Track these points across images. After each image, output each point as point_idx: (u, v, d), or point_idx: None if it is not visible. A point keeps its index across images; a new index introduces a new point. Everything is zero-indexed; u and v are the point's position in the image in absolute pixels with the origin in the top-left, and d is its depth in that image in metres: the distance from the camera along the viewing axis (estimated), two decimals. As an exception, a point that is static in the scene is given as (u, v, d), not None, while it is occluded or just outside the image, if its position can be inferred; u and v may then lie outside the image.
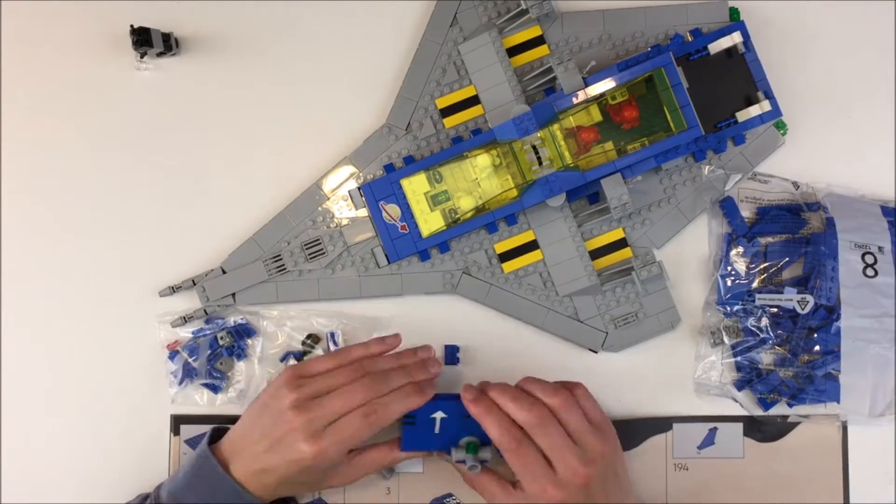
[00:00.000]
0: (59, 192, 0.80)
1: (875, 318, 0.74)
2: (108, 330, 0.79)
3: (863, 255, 0.75)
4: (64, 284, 0.80)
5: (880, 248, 0.75)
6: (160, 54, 0.79)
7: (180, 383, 0.78)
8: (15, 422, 0.79)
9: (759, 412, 0.77)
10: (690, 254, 0.79)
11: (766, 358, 0.77)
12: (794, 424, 0.77)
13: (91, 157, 0.80)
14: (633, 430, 0.78)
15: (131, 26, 0.76)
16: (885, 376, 0.74)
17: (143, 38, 0.76)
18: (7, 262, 0.80)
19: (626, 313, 0.78)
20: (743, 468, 0.78)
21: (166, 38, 0.78)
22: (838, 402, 0.75)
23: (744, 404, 0.77)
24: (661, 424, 0.78)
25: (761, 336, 0.76)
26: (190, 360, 0.78)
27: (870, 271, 0.74)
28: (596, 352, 0.79)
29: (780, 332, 0.76)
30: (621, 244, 0.79)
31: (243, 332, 0.79)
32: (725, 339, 0.77)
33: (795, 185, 0.77)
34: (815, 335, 0.75)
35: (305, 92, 0.80)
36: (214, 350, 0.78)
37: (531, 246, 0.78)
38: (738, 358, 0.76)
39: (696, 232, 0.79)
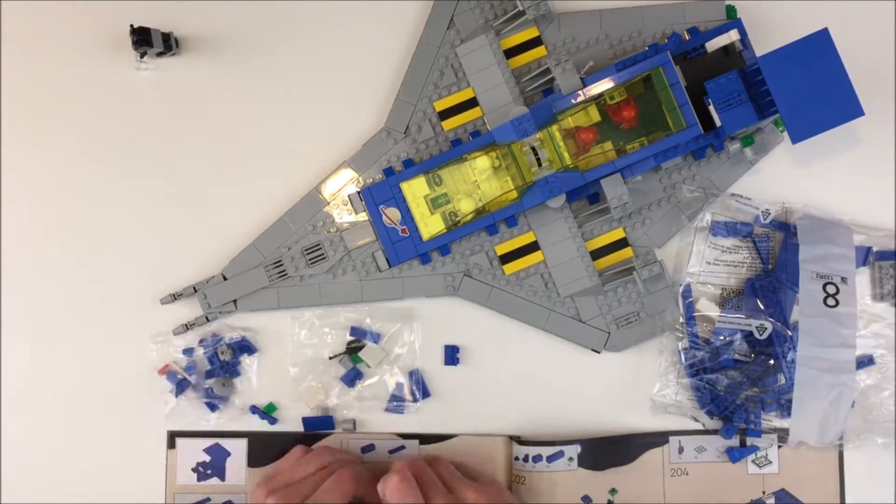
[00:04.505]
0: (57, 193, 0.80)
1: (832, 347, 0.75)
2: (108, 336, 0.79)
3: (824, 286, 0.75)
4: (62, 290, 0.80)
5: (843, 279, 0.75)
6: (160, 54, 0.79)
7: (177, 395, 0.78)
8: (14, 425, 0.79)
9: (717, 431, 0.78)
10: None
11: (722, 380, 0.77)
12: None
13: (90, 157, 0.80)
14: (630, 445, 0.78)
15: (131, 26, 0.76)
16: (838, 406, 0.74)
17: (143, 38, 0.76)
18: (6, 264, 0.80)
19: (628, 313, 0.78)
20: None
21: (166, 38, 0.78)
22: (786, 429, 0.76)
23: (705, 424, 0.78)
24: (658, 439, 0.78)
25: (719, 358, 0.76)
26: (187, 376, 0.78)
27: (830, 301, 0.75)
28: (598, 352, 0.79)
29: (737, 356, 0.77)
30: (622, 244, 0.79)
31: (244, 349, 0.79)
32: (683, 359, 0.77)
33: (766, 213, 0.78)
34: (771, 362, 0.76)
35: (304, 95, 0.80)
36: (214, 365, 0.78)
37: (532, 247, 0.78)
38: (695, 378, 0.77)
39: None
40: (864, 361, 0.77)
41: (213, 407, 0.79)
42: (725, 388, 0.76)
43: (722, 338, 0.76)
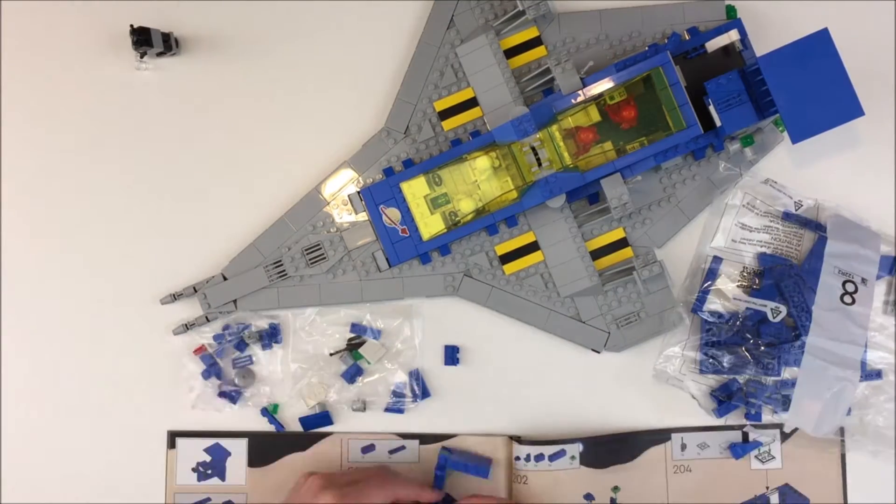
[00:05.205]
0: (57, 193, 0.80)
1: (842, 343, 0.75)
2: (108, 336, 0.79)
3: (844, 283, 0.75)
4: (61, 290, 0.80)
5: (864, 280, 0.76)
6: (160, 54, 0.79)
7: (206, 379, 0.78)
8: (14, 425, 0.79)
9: (710, 412, 0.78)
10: (691, 252, 0.79)
11: (729, 357, 0.77)
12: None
13: (90, 157, 0.80)
14: (632, 443, 0.78)
15: (131, 26, 0.76)
16: (838, 400, 0.74)
17: (143, 38, 0.76)
18: (5, 264, 0.80)
19: (628, 313, 0.78)
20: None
21: (166, 38, 0.78)
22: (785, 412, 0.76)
23: (700, 402, 0.78)
24: (660, 436, 0.78)
25: (731, 335, 0.77)
26: (218, 360, 0.78)
27: (847, 298, 0.75)
28: (598, 352, 0.79)
29: (747, 335, 0.77)
30: (622, 244, 0.79)
31: (272, 335, 0.79)
32: (702, 329, 0.77)
33: (798, 204, 0.78)
34: (780, 346, 0.76)
35: (304, 95, 0.80)
36: (242, 351, 0.79)
37: (532, 247, 0.78)
38: (703, 351, 0.77)
39: (696, 231, 0.79)
40: (872, 375, 0.77)
41: (232, 398, 0.78)
42: (731, 364, 0.76)
43: (737, 317, 0.76)
